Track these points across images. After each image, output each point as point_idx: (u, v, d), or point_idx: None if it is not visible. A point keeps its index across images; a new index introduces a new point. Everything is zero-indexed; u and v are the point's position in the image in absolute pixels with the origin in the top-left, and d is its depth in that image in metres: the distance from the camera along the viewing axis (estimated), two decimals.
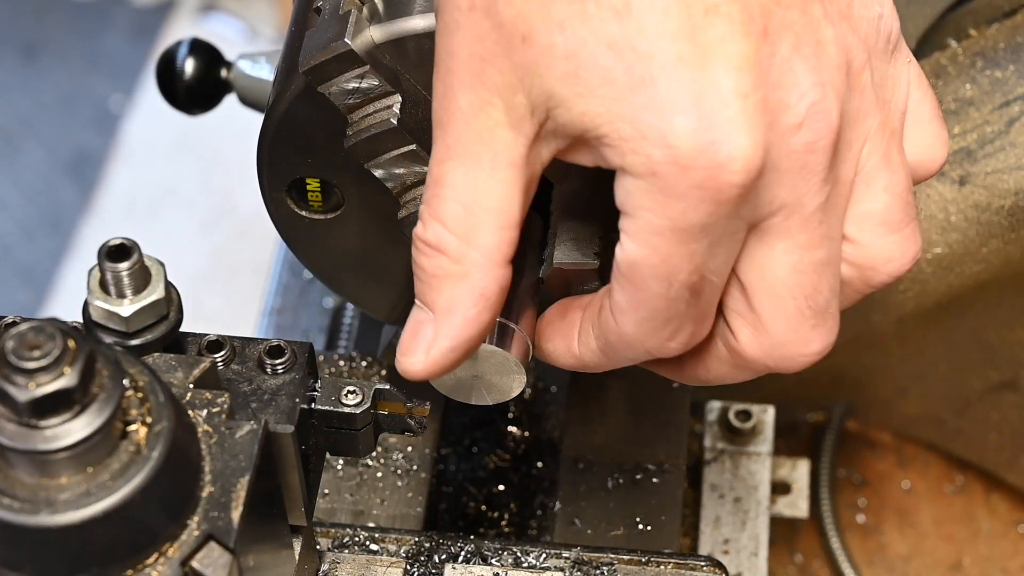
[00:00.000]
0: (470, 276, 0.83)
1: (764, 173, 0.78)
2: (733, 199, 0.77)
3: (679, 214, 0.78)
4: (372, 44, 0.91)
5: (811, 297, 0.83)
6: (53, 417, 0.74)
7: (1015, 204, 1.17)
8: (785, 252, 0.82)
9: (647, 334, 0.84)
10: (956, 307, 1.26)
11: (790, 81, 0.78)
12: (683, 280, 0.80)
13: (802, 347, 0.85)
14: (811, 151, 0.79)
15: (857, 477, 1.42)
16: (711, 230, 0.79)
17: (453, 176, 0.82)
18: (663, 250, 0.79)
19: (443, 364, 0.86)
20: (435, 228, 0.83)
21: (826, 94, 0.79)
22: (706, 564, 1.04)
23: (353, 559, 1.03)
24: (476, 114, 0.81)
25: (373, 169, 0.94)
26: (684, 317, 0.83)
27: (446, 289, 0.84)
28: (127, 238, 0.85)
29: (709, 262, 0.80)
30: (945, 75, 1.20)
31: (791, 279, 0.82)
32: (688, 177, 0.76)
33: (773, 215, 0.80)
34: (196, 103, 1.24)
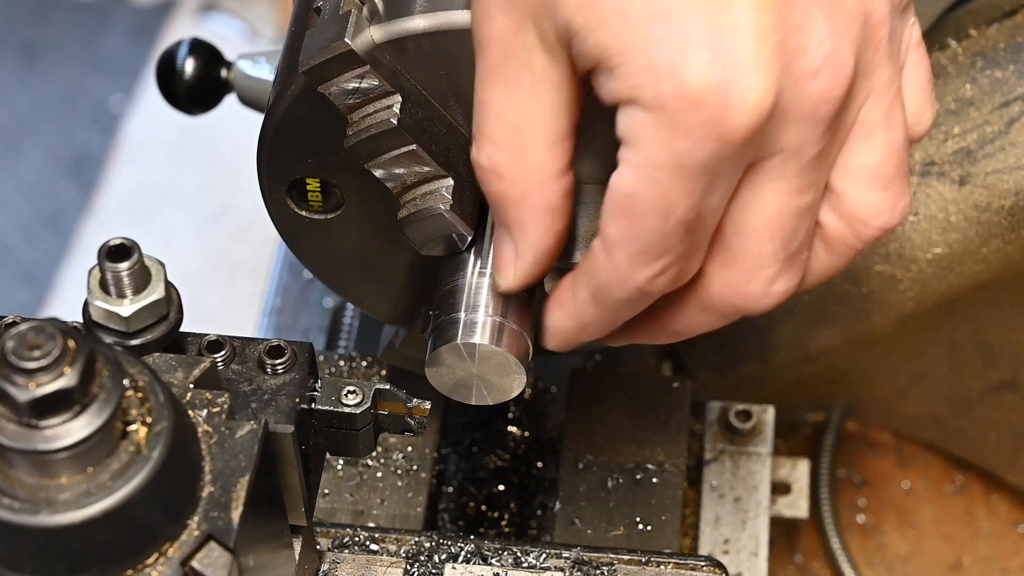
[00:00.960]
0: (531, 195, 0.85)
1: (773, 116, 0.77)
2: (740, 140, 0.77)
3: (684, 151, 0.77)
4: (372, 44, 0.91)
5: (787, 240, 0.83)
6: (53, 417, 0.74)
7: (1015, 204, 1.17)
8: (774, 194, 0.81)
9: (637, 267, 0.83)
10: (956, 307, 1.26)
11: (809, 27, 0.78)
12: (680, 216, 0.80)
13: (767, 286, 0.85)
14: (823, 100, 0.79)
15: (857, 477, 1.42)
16: (713, 169, 0.78)
17: (498, 99, 0.83)
18: (663, 185, 0.79)
19: (533, 276, 0.89)
20: (488, 151, 0.84)
21: (843, 44, 0.79)
22: (706, 564, 1.04)
23: (353, 559, 1.03)
24: (512, 38, 0.81)
25: (373, 169, 0.94)
26: (676, 253, 0.82)
27: (512, 209, 0.86)
28: (127, 238, 0.85)
29: (707, 199, 0.80)
30: (945, 75, 1.20)
31: (774, 220, 0.82)
32: (697, 114, 0.76)
33: (772, 157, 0.80)
34: (196, 103, 1.24)
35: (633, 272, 0.83)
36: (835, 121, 0.81)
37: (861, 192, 0.85)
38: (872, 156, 0.84)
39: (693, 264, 0.84)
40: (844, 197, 0.85)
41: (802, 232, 0.84)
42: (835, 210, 0.85)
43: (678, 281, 0.84)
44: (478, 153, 0.85)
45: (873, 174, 0.84)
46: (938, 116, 1.19)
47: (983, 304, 1.27)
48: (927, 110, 0.88)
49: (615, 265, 0.83)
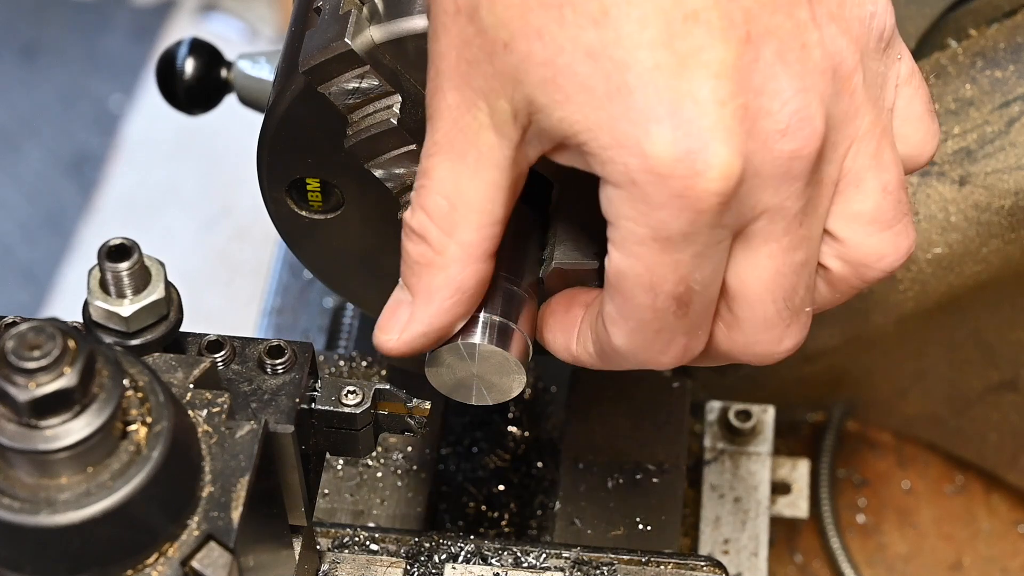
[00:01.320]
0: (449, 268, 0.85)
1: (745, 180, 0.78)
2: (714, 208, 0.77)
3: (659, 223, 0.78)
4: (372, 44, 0.91)
5: (789, 298, 0.83)
6: (53, 417, 0.74)
7: (1015, 204, 1.17)
8: (768, 256, 0.82)
9: (638, 346, 0.84)
10: (956, 307, 1.26)
11: (773, 88, 0.78)
12: (669, 290, 0.80)
13: (775, 346, 0.85)
14: (795, 158, 0.79)
15: (857, 477, 1.42)
16: (694, 239, 0.79)
17: (440, 170, 0.83)
18: (646, 259, 0.79)
19: (414, 347, 0.89)
20: (420, 217, 0.84)
21: (809, 100, 0.78)
22: (706, 564, 1.04)
23: (353, 559, 1.03)
24: (463, 114, 0.81)
25: (373, 169, 0.94)
26: (674, 330, 0.83)
27: (425, 276, 0.86)
28: (127, 238, 0.85)
29: (695, 272, 0.80)
30: (945, 75, 1.20)
31: (772, 282, 0.82)
32: (666, 186, 0.77)
33: (756, 220, 0.80)
34: (196, 103, 1.24)
35: (634, 350, 0.84)
36: (814, 176, 0.80)
37: (863, 238, 0.85)
38: (866, 202, 0.84)
39: (697, 340, 0.84)
40: (847, 243, 0.85)
41: (802, 287, 0.84)
42: (839, 256, 0.85)
43: (684, 356, 0.85)
44: (411, 216, 0.85)
45: (871, 219, 0.84)
46: (938, 116, 1.19)
47: (983, 304, 1.27)
48: (929, 139, 0.88)
49: (616, 343, 0.85)
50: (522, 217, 0.98)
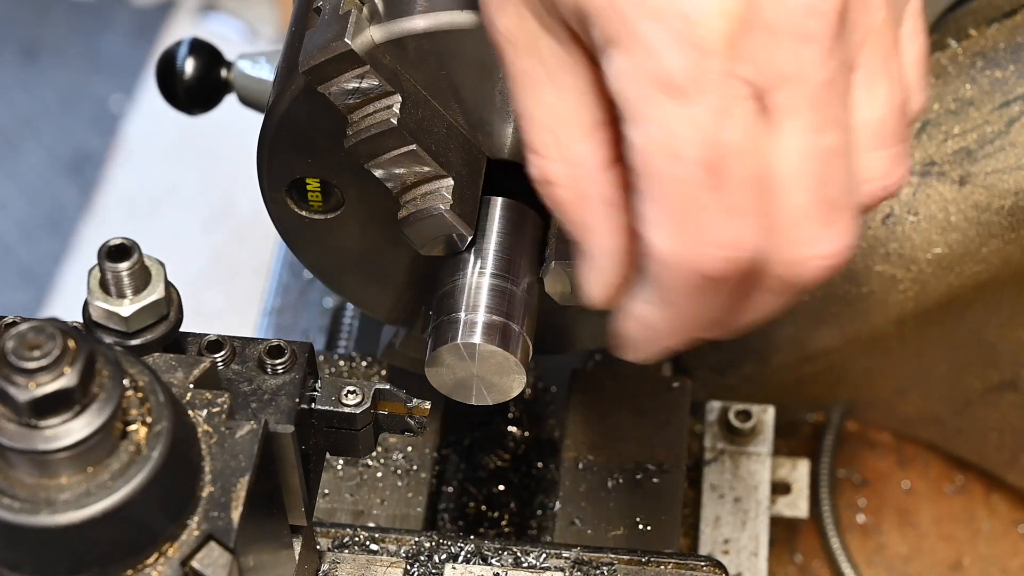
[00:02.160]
0: (585, 193, 0.80)
1: (755, 28, 0.74)
2: (719, 49, 0.73)
3: (664, 69, 0.73)
4: (372, 44, 0.91)
5: (821, 188, 0.76)
6: (53, 417, 0.74)
7: (1015, 204, 1.17)
8: (793, 133, 0.75)
9: (677, 237, 0.75)
10: (956, 307, 1.26)
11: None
12: (694, 154, 0.74)
13: (814, 247, 0.77)
14: (811, 14, 0.74)
15: (857, 477, 1.42)
16: (706, 87, 0.73)
17: (525, 102, 0.81)
18: (659, 116, 0.74)
19: (613, 279, 0.82)
20: (535, 161, 0.81)
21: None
22: (706, 564, 1.04)
23: (353, 559, 1.03)
24: (515, 35, 0.80)
25: (373, 169, 0.94)
26: (711, 208, 0.75)
27: (573, 215, 0.81)
28: (127, 238, 0.85)
29: (720, 132, 0.74)
30: (945, 75, 1.20)
31: (800, 165, 0.76)
32: (663, 27, 0.73)
33: (778, 88, 0.75)
34: (196, 103, 1.24)
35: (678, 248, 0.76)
36: (835, 45, 0.75)
37: (860, 151, 0.79)
38: (873, 110, 0.79)
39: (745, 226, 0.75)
40: None
41: (837, 177, 0.77)
42: None
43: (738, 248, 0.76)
44: (529, 164, 0.81)
45: (873, 131, 0.79)
46: (938, 116, 1.19)
47: (983, 304, 1.27)
48: (918, 92, 0.84)
49: (658, 246, 0.76)
50: (522, 217, 0.98)
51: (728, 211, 0.75)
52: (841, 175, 0.77)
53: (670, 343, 0.82)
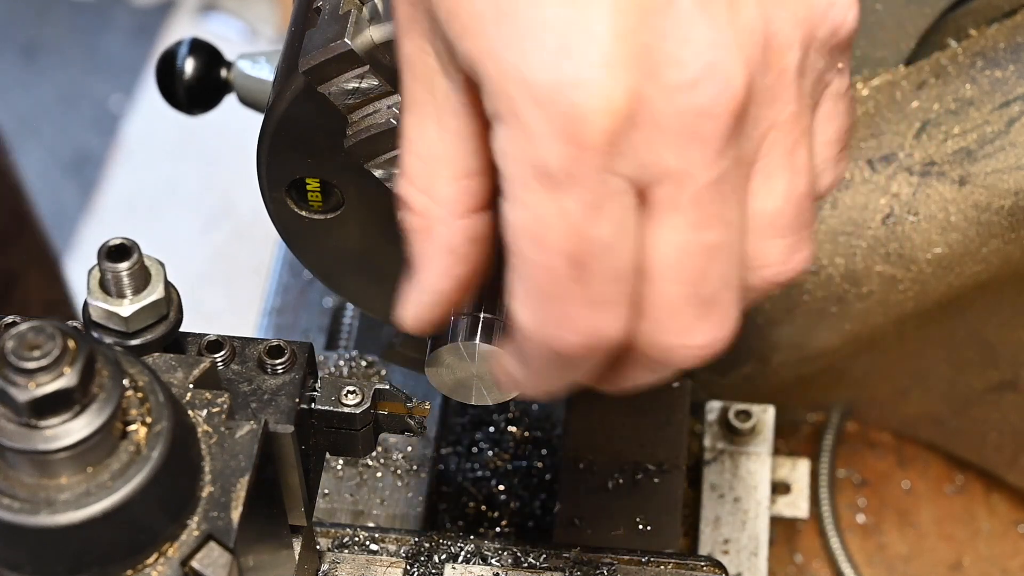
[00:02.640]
0: (434, 230, 0.80)
1: (639, 126, 0.72)
2: (598, 145, 0.72)
3: (539, 158, 0.72)
4: (372, 44, 0.91)
5: (697, 283, 0.75)
6: (53, 417, 0.74)
7: (1015, 204, 1.17)
8: (672, 229, 0.74)
9: (537, 319, 0.76)
10: (956, 307, 1.26)
11: (686, 35, 0.72)
12: (559, 244, 0.73)
13: (684, 337, 0.77)
14: (703, 115, 0.72)
15: (857, 477, 1.42)
16: (580, 181, 0.72)
17: (410, 128, 0.80)
18: (531, 204, 0.73)
19: (426, 316, 0.84)
20: (401, 184, 0.81)
21: (729, 58, 0.72)
22: (706, 564, 1.04)
23: (353, 559, 1.03)
24: (415, 63, 0.79)
25: (373, 169, 0.94)
26: (574, 299, 0.75)
27: (417, 244, 0.81)
28: (127, 238, 0.85)
29: (590, 227, 0.73)
30: (945, 75, 1.20)
31: (676, 259, 0.75)
32: (545, 114, 0.71)
33: (660, 183, 0.74)
34: (196, 103, 1.24)
35: (534, 324, 0.76)
36: (729, 146, 0.74)
37: (754, 239, 0.78)
38: (769, 201, 0.77)
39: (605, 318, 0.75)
40: None
41: (715, 274, 0.76)
42: None
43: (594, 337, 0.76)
44: (395, 185, 0.82)
45: (769, 221, 0.78)
46: (938, 116, 1.19)
47: (983, 304, 1.27)
48: (829, 171, 0.82)
49: (517, 318, 0.77)
50: None
51: (590, 302, 0.75)
52: (720, 270, 0.76)
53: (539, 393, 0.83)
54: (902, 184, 1.20)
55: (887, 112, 1.21)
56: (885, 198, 1.20)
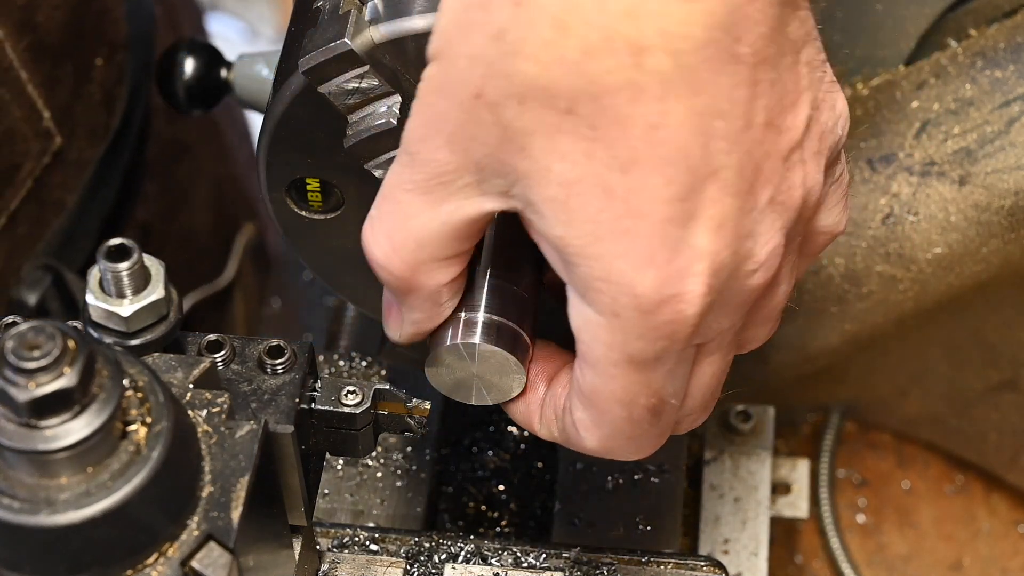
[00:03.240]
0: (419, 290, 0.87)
1: (714, 309, 0.81)
2: (686, 337, 0.81)
3: (637, 352, 0.81)
4: (372, 44, 0.91)
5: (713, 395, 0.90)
6: (53, 417, 0.74)
7: (1015, 204, 1.17)
8: (711, 364, 0.87)
9: (612, 449, 0.88)
10: (956, 307, 1.26)
11: (759, 230, 0.81)
12: (643, 404, 0.84)
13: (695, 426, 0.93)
14: (757, 288, 0.83)
15: (857, 477, 1.42)
16: (666, 361, 0.82)
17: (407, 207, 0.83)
18: (622, 379, 0.83)
19: (416, 339, 0.92)
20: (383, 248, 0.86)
21: (782, 237, 0.82)
22: (706, 564, 1.04)
23: (353, 559, 1.03)
24: (451, 173, 0.81)
25: (373, 169, 0.94)
26: (649, 436, 0.88)
27: (400, 294, 0.88)
28: (127, 238, 0.85)
29: (667, 386, 0.84)
30: (945, 75, 1.20)
31: (707, 386, 0.88)
32: (648, 322, 0.79)
33: (711, 342, 0.85)
34: (196, 103, 1.24)
35: (606, 451, 0.89)
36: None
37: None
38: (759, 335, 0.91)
39: (664, 439, 0.90)
40: None
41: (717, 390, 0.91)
42: None
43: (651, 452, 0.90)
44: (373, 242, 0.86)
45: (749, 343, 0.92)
46: (938, 116, 1.19)
47: (983, 304, 1.27)
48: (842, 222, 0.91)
49: (587, 445, 0.89)
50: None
51: (660, 435, 0.89)
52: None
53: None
54: (902, 184, 1.20)
55: (887, 112, 1.21)
56: (885, 198, 1.20)
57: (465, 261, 0.87)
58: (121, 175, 1.40)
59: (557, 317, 1.05)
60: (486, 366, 0.93)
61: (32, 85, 1.24)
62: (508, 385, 0.94)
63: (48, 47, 1.25)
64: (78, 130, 1.31)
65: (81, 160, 1.33)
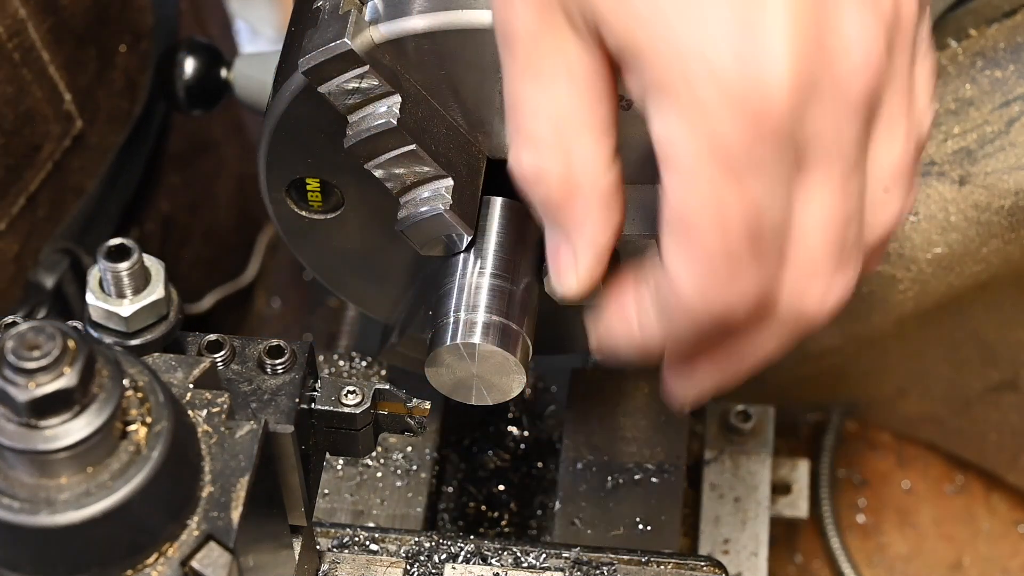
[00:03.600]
0: (583, 190, 0.80)
1: (810, 100, 0.74)
2: (777, 120, 0.73)
3: (722, 139, 0.73)
4: (372, 44, 0.91)
5: (839, 243, 0.78)
6: (53, 417, 0.74)
7: (1015, 204, 1.17)
8: (826, 193, 0.77)
9: (711, 298, 0.77)
10: (956, 307, 1.26)
11: (846, 10, 0.74)
12: (739, 222, 0.75)
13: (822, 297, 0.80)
14: (858, 84, 0.75)
15: (857, 477, 1.42)
16: (760, 160, 0.74)
17: (533, 95, 0.79)
18: (711, 186, 0.74)
19: (596, 274, 0.84)
20: (529, 153, 0.80)
21: (879, 33, 0.75)
22: (706, 564, 1.04)
23: (353, 559, 1.03)
24: (540, 27, 0.78)
25: (373, 169, 0.94)
26: (749, 273, 0.77)
27: (564, 210, 0.81)
28: (127, 238, 0.85)
29: (766, 200, 0.75)
30: (945, 75, 1.20)
31: (827, 222, 0.78)
32: (729, 96, 0.72)
33: (816, 153, 0.76)
34: (196, 103, 1.24)
35: (707, 304, 0.78)
36: (868, 108, 0.76)
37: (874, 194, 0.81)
38: (889, 156, 0.80)
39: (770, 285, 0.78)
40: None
41: (851, 237, 0.79)
42: None
43: (760, 305, 0.79)
44: (516, 157, 0.80)
45: (890, 174, 0.81)
46: (938, 116, 1.19)
47: (983, 304, 1.27)
48: (928, 111, 0.84)
49: (685, 300, 0.78)
50: (522, 217, 0.98)
51: (760, 270, 0.77)
52: (855, 233, 0.79)
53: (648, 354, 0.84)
54: None
55: None
56: None
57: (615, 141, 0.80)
58: (143, 164, 1.40)
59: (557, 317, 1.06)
60: (486, 366, 0.93)
61: (54, 67, 1.23)
62: (508, 385, 0.94)
63: (71, 30, 1.25)
64: (100, 115, 1.31)
65: (102, 146, 1.33)
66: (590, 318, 0.87)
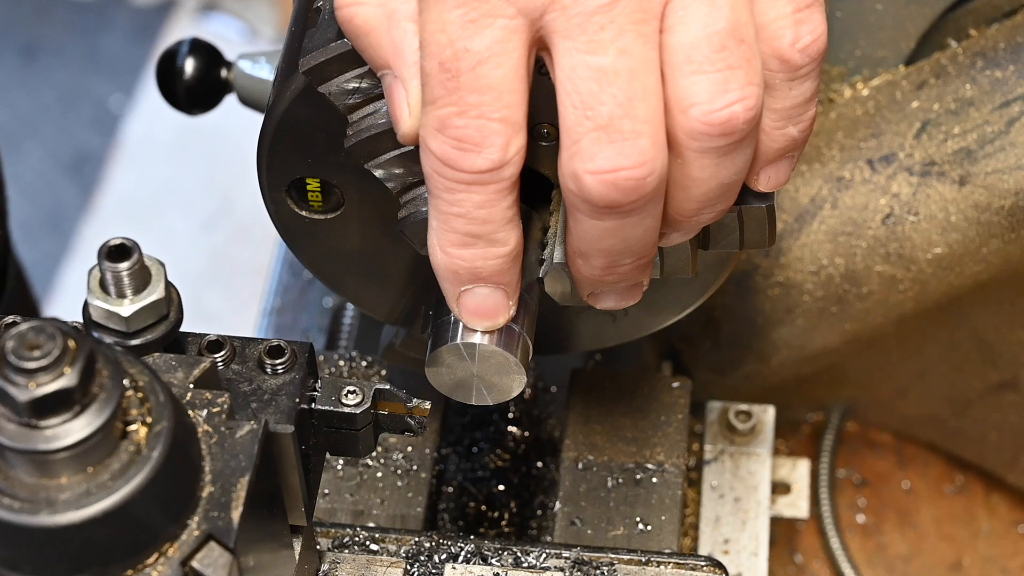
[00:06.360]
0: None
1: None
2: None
3: None
4: None
5: (589, 106, 0.76)
6: (53, 417, 0.74)
7: (1015, 204, 1.17)
8: (563, 53, 0.76)
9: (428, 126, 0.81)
10: (956, 307, 1.26)
11: None
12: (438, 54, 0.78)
13: (584, 160, 0.77)
14: None
15: (857, 477, 1.42)
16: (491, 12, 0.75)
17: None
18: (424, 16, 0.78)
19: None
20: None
21: None
22: (706, 564, 1.04)
23: (353, 559, 1.03)
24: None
25: (373, 169, 0.94)
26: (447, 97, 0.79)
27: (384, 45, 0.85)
28: (127, 238, 0.85)
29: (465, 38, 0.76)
30: (945, 75, 1.20)
31: (567, 83, 0.76)
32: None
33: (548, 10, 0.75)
34: (196, 103, 1.24)
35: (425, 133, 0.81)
36: None
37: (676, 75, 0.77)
38: (686, 35, 0.76)
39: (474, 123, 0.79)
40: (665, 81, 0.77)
41: (608, 98, 0.76)
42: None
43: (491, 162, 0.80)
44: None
45: (686, 55, 0.76)
46: (938, 116, 1.19)
47: (983, 304, 1.27)
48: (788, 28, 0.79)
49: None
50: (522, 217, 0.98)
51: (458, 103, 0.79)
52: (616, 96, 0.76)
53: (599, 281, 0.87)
54: (902, 184, 1.20)
55: (887, 112, 1.21)
56: (885, 198, 1.20)
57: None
58: None
59: (557, 317, 1.06)
60: (486, 366, 0.93)
61: None
62: (508, 385, 0.94)
63: None
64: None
65: None
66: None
